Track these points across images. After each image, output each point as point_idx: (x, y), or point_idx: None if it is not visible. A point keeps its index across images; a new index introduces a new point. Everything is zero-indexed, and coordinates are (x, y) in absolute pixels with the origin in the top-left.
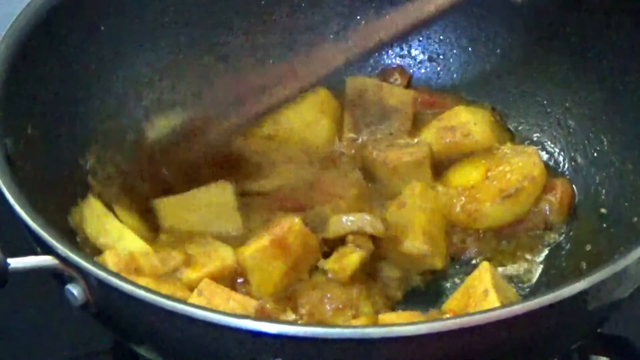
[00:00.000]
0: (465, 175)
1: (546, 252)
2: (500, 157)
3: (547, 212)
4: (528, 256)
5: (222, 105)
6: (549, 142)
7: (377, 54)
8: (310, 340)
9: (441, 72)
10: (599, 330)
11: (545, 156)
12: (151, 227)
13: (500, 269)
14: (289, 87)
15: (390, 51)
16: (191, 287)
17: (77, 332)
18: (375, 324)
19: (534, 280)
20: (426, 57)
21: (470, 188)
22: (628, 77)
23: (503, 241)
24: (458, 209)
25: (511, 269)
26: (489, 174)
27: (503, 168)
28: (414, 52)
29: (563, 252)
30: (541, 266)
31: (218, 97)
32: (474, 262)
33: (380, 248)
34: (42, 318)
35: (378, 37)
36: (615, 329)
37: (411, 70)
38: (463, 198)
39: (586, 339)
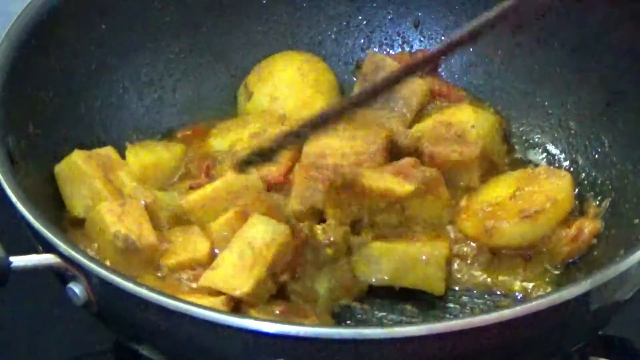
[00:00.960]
0: (495, 191)
1: None
2: (533, 177)
3: (562, 244)
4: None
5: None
6: (550, 144)
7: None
8: (310, 340)
9: (443, 73)
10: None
11: (546, 157)
12: None
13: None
14: None
15: (392, 52)
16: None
17: (77, 332)
18: (376, 324)
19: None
20: None
21: (495, 205)
22: (628, 77)
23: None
24: (473, 223)
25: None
26: (517, 193)
27: (532, 188)
28: None
29: None
30: None
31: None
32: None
33: None
34: (42, 318)
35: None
36: (615, 331)
37: None
38: (482, 213)
39: (588, 340)
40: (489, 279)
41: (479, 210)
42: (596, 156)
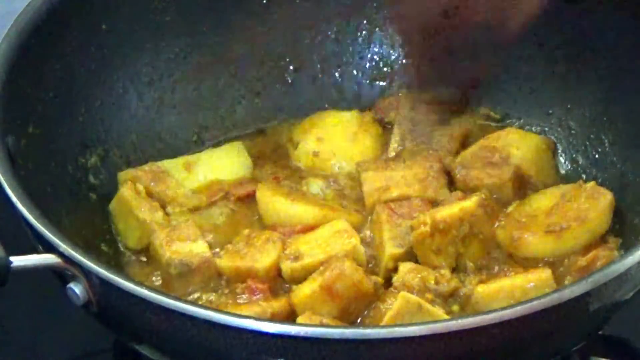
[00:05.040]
0: (538, 202)
1: None
2: (576, 193)
3: (573, 269)
4: None
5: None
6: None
7: (378, 54)
8: (310, 340)
9: None
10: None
11: None
12: None
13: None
14: None
15: (392, 51)
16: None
17: (77, 332)
18: (375, 324)
19: None
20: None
21: (532, 216)
22: (628, 77)
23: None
24: (505, 232)
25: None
26: (556, 206)
27: (570, 204)
28: None
29: None
30: None
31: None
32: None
33: None
34: (42, 318)
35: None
36: (615, 331)
37: None
38: (516, 223)
39: (588, 340)
40: None
41: (515, 220)
42: (596, 156)
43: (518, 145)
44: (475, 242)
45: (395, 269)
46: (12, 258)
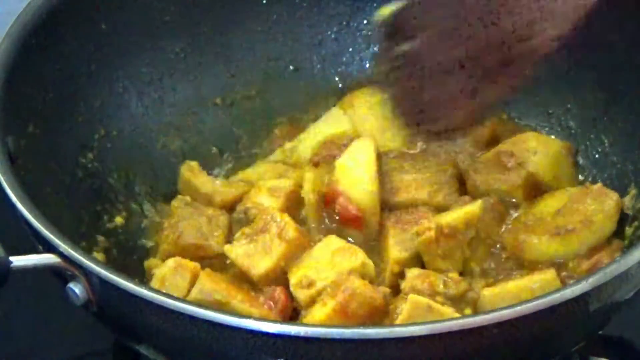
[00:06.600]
0: (545, 205)
1: None
2: (583, 195)
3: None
4: None
5: None
6: None
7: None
8: (310, 340)
9: None
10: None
11: None
12: None
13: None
14: None
15: None
16: None
17: (77, 332)
18: (375, 324)
19: None
20: None
21: (539, 219)
22: (628, 77)
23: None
24: (511, 235)
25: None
26: (563, 209)
27: (577, 206)
28: None
29: None
30: None
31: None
32: None
33: None
34: (42, 318)
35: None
36: (615, 331)
37: None
38: (523, 226)
39: (588, 340)
40: None
41: (522, 223)
42: (596, 156)
43: (536, 150)
44: (482, 246)
45: (400, 275)
46: (12, 258)
